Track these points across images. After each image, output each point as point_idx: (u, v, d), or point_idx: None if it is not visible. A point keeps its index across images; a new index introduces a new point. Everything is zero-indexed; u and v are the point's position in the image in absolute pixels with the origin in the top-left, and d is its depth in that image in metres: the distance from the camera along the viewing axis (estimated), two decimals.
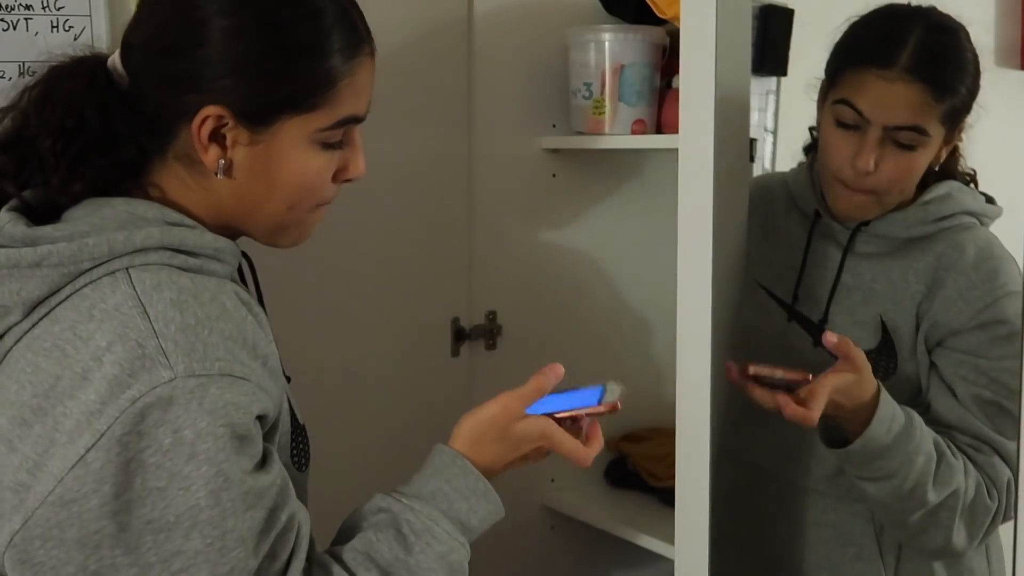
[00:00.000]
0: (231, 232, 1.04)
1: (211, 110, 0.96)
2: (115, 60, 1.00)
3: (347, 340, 1.62)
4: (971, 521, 1.26)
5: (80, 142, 0.98)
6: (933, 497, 1.24)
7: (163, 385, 0.87)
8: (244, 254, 1.10)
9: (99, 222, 0.94)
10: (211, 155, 0.98)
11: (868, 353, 1.29)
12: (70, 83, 0.99)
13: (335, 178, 1.04)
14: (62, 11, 1.37)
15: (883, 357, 1.31)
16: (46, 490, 0.86)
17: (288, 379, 1.11)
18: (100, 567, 0.87)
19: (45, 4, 1.36)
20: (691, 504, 1.33)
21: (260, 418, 0.94)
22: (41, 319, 0.92)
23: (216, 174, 0.98)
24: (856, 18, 1.35)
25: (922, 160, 1.29)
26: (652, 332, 1.89)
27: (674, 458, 1.35)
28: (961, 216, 1.32)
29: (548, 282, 1.80)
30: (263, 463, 0.94)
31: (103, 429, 0.86)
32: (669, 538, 1.44)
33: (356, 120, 1.03)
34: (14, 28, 1.36)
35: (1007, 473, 1.27)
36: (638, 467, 1.83)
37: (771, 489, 1.44)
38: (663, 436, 1.81)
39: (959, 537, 1.26)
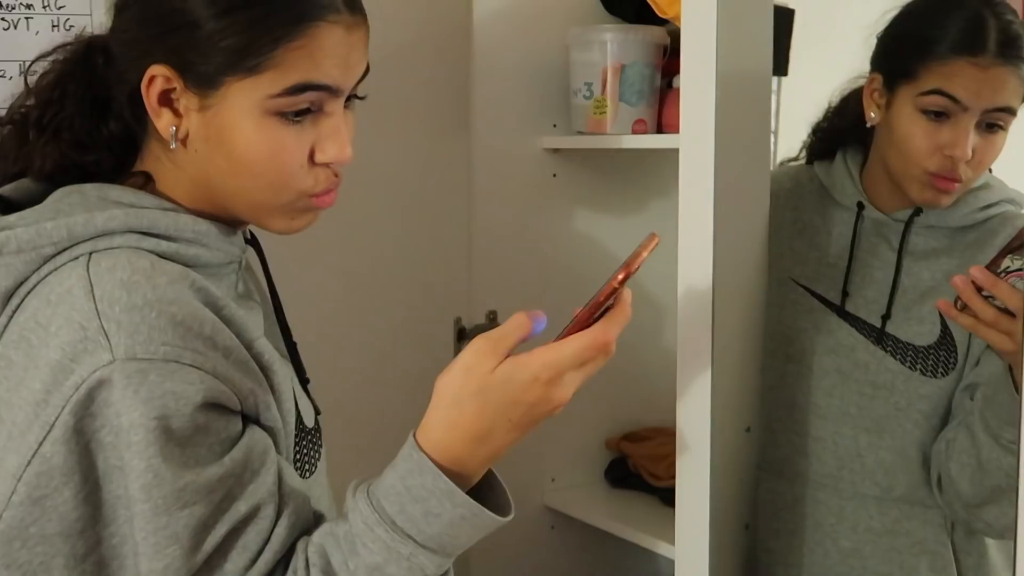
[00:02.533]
0: (228, 216, 0.99)
1: (155, 70, 0.93)
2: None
3: (349, 341, 1.62)
4: None
5: (61, 114, 0.97)
6: None
7: (103, 368, 0.84)
8: (255, 242, 1.08)
9: (65, 207, 0.92)
10: (163, 121, 0.94)
11: (927, 349, 1.31)
12: (67, 59, 1.00)
13: (312, 161, 0.96)
14: (62, 10, 1.38)
15: (943, 352, 1.32)
16: (7, 490, 0.85)
17: (306, 380, 1.09)
18: (87, 548, 0.87)
19: (46, 3, 1.37)
20: (691, 504, 1.33)
21: (217, 406, 0.88)
22: (14, 312, 0.90)
23: (171, 144, 0.94)
24: (911, 7, 1.35)
25: (1001, 141, 1.31)
26: (652, 332, 1.89)
27: (674, 458, 1.35)
28: (1004, 204, 1.35)
29: (549, 282, 1.80)
30: (220, 452, 0.88)
31: (52, 420, 0.84)
32: (669, 538, 1.44)
33: (317, 89, 0.93)
34: (15, 27, 1.36)
35: None
36: (638, 467, 1.83)
37: (827, 499, 1.40)
38: (663, 436, 1.81)
39: None
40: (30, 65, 1.01)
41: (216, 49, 0.91)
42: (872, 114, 1.37)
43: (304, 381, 1.09)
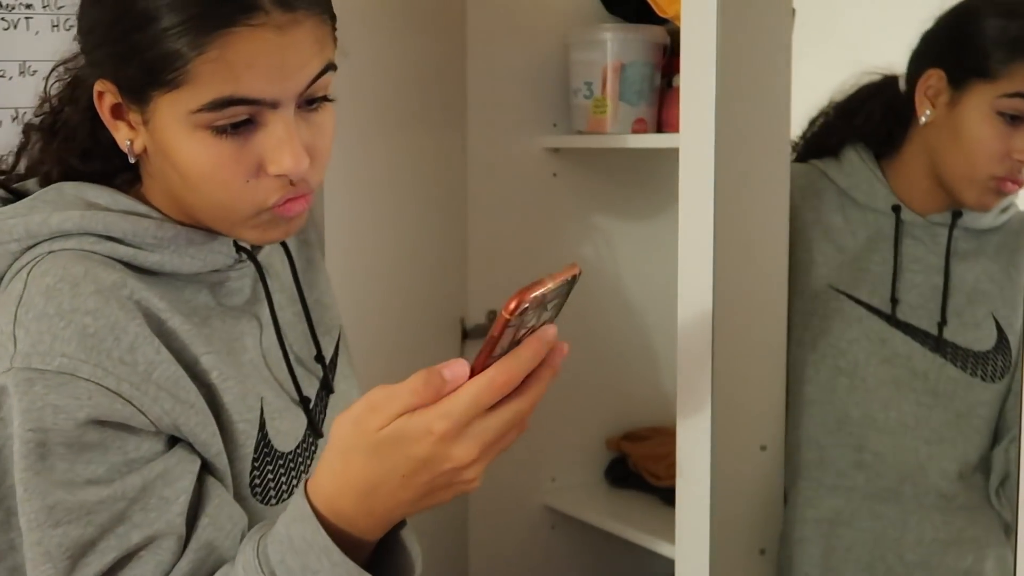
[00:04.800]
0: (202, 225, 0.95)
1: (100, 85, 0.90)
2: None
3: (353, 343, 1.62)
4: None
5: (70, 123, 0.97)
6: None
7: (2, 375, 0.83)
8: (284, 247, 1.06)
9: (39, 204, 0.92)
10: (120, 135, 0.92)
11: (987, 354, 1.30)
12: (76, 66, 1.00)
13: (265, 173, 0.89)
14: (62, 10, 1.38)
15: (999, 357, 1.31)
16: None
17: (304, 400, 1.03)
18: None
19: (46, 3, 1.37)
20: (692, 504, 1.32)
21: (115, 424, 0.85)
22: None
23: (129, 158, 0.92)
24: (984, 3, 1.32)
25: None
26: (653, 331, 1.89)
27: (675, 458, 1.35)
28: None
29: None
30: (125, 472, 0.85)
31: None
32: (670, 538, 1.44)
33: (241, 103, 0.85)
34: (15, 27, 1.36)
35: None
36: (638, 467, 1.83)
37: (887, 512, 1.37)
38: (663, 436, 1.80)
39: None
40: (51, 72, 1.02)
41: (136, 63, 0.86)
42: (928, 111, 1.33)
43: (321, 395, 1.06)
